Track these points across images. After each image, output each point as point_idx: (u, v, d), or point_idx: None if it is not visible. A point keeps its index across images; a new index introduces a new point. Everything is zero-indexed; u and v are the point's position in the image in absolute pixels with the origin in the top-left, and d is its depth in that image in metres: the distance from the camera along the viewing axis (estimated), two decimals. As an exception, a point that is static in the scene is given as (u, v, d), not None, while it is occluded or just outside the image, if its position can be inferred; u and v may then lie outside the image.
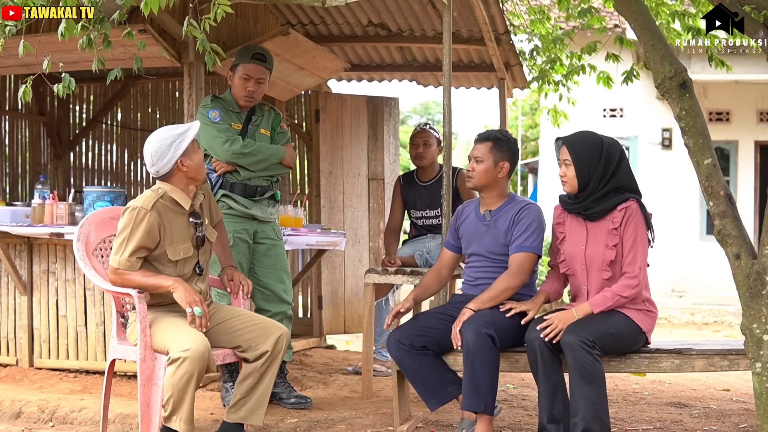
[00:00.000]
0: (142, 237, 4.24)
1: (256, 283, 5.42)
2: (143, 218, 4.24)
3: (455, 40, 7.05)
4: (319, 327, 8.07)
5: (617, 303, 4.28)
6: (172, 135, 4.34)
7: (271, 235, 5.51)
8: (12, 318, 6.36)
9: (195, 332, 4.18)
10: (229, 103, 5.44)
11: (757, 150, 15.09)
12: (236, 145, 5.28)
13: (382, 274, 5.65)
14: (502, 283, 4.51)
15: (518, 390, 6.06)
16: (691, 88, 4.30)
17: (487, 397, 4.31)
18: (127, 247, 4.24)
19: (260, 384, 4.39)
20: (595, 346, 4.10)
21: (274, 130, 5.55)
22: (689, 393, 6.13)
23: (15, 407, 5.41)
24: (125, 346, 4.51)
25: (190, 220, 4.41)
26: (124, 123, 9.23)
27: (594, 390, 4.07)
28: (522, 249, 4.54)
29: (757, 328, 4.08)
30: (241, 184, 5.35)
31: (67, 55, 5.47)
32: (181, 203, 4.36)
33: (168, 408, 4.09)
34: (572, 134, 4.49)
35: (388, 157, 8.48)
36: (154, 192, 4.35)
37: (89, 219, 4.77)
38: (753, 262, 4.11)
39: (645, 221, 4.33)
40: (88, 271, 4.58)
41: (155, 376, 4.27)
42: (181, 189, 4.38)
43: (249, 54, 5.40)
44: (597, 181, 4.34)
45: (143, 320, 4.27)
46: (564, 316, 4.26)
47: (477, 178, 4.66)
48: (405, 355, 4.53)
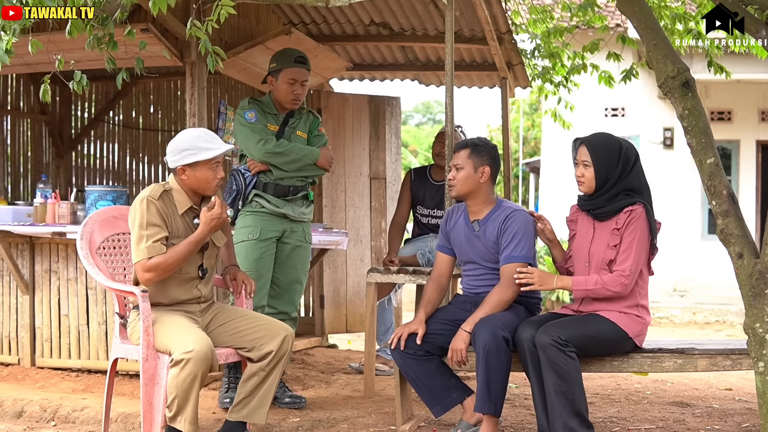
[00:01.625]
0: (158, 221, 4.25)
1: (272, 279, 5.45)
2: (153, 206, 4.26)
3: (457, 39, 7.04)
4: (321, 326, 8.07)
5: (599, 292, 4.31)
6: (191, 143, 4.34)
7: (299, 236, 5.52)
8: (14, 317, 6.36)
9: (198, 332, 4.18)
10: (266, 105, 5.48)
11: (759, 149, 15.09)
12: (269, 145, 5.31)
13: (385, 273, 5.65)
14: (496, 297, 4.51)
15: (520, 389, 6.06)
16: (694, 87, 4.29)
17: (498, 399, 4.36)
18: (148, 235, 4.23)
19: (264, 383, 4.39)
20: (569, 344, 4.15)
21: (311, 133, 5.59)
22: (691, 392, 6.13)
23: (17, 406, 5.42)
24: (128, 346, 4.52)
25: (195, 221, 4.41)
26: (126, 122, 9.22)
27: (569, 386, 4.13)
28: (511, 260, 4.54)
29: (759, 327, 4.07)
30: (273, 183, 5.38)
31: (70, 55, 5.46)
32: (177, 205, 4.38)
33: (173, 409, 4.09)
34: (591, 135, 4.51)
35: (390, 156, 8.48)
36: (160, 186, 4.37)
37: (92, 218, 4.77)
38: (756, 262, 4.10)
39: (649, 227, 4.34)
40: (91, 270, 4.58)
41: (158, 376, 4.28)
42: (184, 191, 4.39)
43: (291, 58, 5.44)
44: (613, 183, 4.37)
45: (146, 319, 4.27)
46: (545, 277, 4.39)
47: (459, 185, 4.67)
48: (409, 363, 4.54)
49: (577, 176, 4.46)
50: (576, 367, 4.16)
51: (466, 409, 4.60)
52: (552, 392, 4.15)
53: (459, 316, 4.58)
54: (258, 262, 5.33)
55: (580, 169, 4.44)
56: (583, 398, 4.18)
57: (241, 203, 5.37)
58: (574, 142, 4.52)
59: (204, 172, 4.35)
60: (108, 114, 9.15)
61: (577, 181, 4.47)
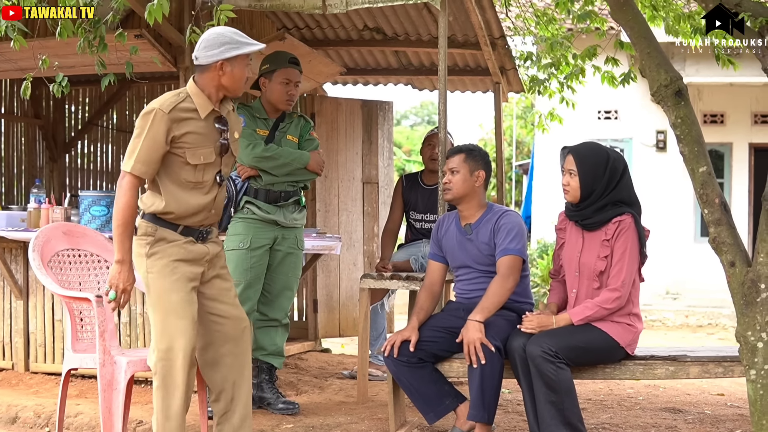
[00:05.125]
0: (156, 141, 4.00)
1: (264, 287, 5.45)
2: (159, 121, 3.99)
3: (451, 44, 7.06)
4: (315, 331, 8.07)
5: (598, 314, 4.32)
6: (231, 38, 4.09)
7: (291, 243, 5.51)
8: (8, 322, 6.36)
9: (187, 330, 4.07)
10: (256, 110, 5.48)
11: (752, 152, 15.11)
12: (257, 149, 5.30)
13: (378, 279, 5.66)
14: (498, 287, 4.53)
15: (513, 395, 6.08)
16: (687, 96, 4.32)
17: (491, 407, 4.39)
18: (140, 151, 4.01)
19: (239, 399, 4.28)
20: (559, 356, 4.17)
21: (302, 137, 5.58)
22: (684, 398, 6.15)
23: (11, 412, 5.42)
24: (81, 355, 4.59)
25: (216, 125, 4.16)
26: (120, 126, 9.23)
27: (559, 397, 4.16)
28: (507, 252, 4.58)
29: (751, 336, 4.10)
30: (264, 189, 5.37)
31: (64, 60, 5.48)
32: (199, 109, 4.10)
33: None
34: (579, 145, 4.53)
35: (382, 160, 8.50)
36: (175, 95, 4.10)
37: (43, 231, 4.86)
38: (747, 270, 4.13)
39: (638, 237, 4.36)
40: (44, 279, 4.65)
41: (115, 381, 4.34)
42: (206, 93, 4.12)
43: (285, 59, 5.45)
44: (599, 194, 4.38)
45: (102, 324, 4.33)
46: (544, 319, 4.37)
47: (455, 188, 4.71)
48: (403, 370, 4.56)
49: (563, 185, 4.48)
50: (566, 377, 4.18)
51: (459, 416, 4.62)
52: (542, 402, 4.18)
53: (452, 323, 4.60)
54: (249, 271, 5.32)
55: (566, 177, 4.47)
56: (576, 408, 4.19)
57: (233, 210, 5.36)
58: (563, 150, 4.55)
59: (241, 68, 4.11)
60: (102, 118, 9.15)
61: (563, 189, 4.50)
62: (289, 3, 5.44)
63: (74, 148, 9.11)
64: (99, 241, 4.99)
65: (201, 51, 4.08)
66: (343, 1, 5.31)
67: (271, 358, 5.52)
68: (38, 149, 8.86)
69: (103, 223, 5.97)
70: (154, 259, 4.08)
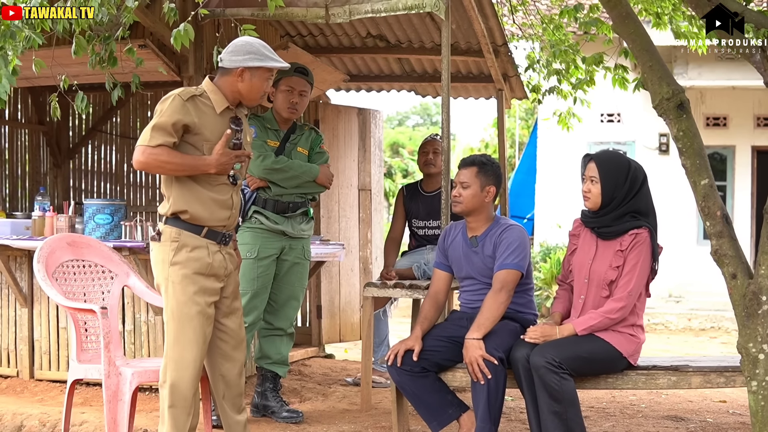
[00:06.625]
0: (172, 117, 4.03)
1: (270, 296, 5.49)
2: (176, 103, 4.05)
3: (454, 51, 7.07)
4: (318, 336, 8.11)
5: (602, 324, 4.34)
6: (258, 49, 4.17)
7: (298, 253, 5.55)
8: (13, 330, 6.39)
9: (199, 343, 4.13)
10: (268, 121, 5.51)
11: (754, 155, 15.11)
12: (267, 161, 5.34)
13: (381, 287, 5.69)
14: (491, 302, 4.55)
15: (516, 402, 6.09)
16: (689, 108, 4.34)
17: (496, 419, 4.42)
18: (161, 122, 4.02)
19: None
20: (562, 366, 4.19)
21: (312, 150, 5.61)
22: (686, 405, 6.17)
23: (16, 420, 5.45)
24: (86, 366, 4.64)
25: (231, 126, 4.22)
26: (124, 132, 9.23)
27: (563, 407, 4.18)
28: (503, 267, 4.60)
29: (752, 348, 4.12)
30: (272, 200, 5.41)
31: (68, 69, 5.50)
32: (214, 105, 4.17)
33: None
34: (601, 152, 4.59)
35: (374, 168, 8.56)
36: (193, 89, 4.19)
37: (48, 243, 4.88)
38: (749, 282, 4.15)
39: (652, 252, 4.39)
40: (48, 290, 4.67)
41: (120, 392, 4.38)
42: (223, 93, 4.20)
43: (291, 68, 5.47)
44: (619, 201, 4.41)
45: (106, 336, 4.38)
46: (547, 330, 4.39)
47: (465, 203, 4.72)
48: (406, 380, 4.57)
49: (584, 191, 4.51)
50: (570, 388, 4.20)
51: (462, 426, 4.63)
52: (546, 412, 4.20)
53: (456, 332, 4.62)
54: (255, 281, 5.35)
55: (587, 184, 4.49)
56: (579, 418, 4.21)
57: (241, 219, 5.39)
58: (584, 158, 4.57)
59: (260, 80, 4.19)
60: (105, 124, 9.16)
61: (583, 196, 4.52)
62: (293, 13, 5.46)
63: (78, 154, 9.13)
64: (103, 252, 5.01)
65: (227, 54, 4.19)
66: (346, 10, 5.33)
67: (275, 367, 5.55)
68: (42, 155, 8.88)
69: (107, 231, 6.00)
70: (176, 268, 4.11)
